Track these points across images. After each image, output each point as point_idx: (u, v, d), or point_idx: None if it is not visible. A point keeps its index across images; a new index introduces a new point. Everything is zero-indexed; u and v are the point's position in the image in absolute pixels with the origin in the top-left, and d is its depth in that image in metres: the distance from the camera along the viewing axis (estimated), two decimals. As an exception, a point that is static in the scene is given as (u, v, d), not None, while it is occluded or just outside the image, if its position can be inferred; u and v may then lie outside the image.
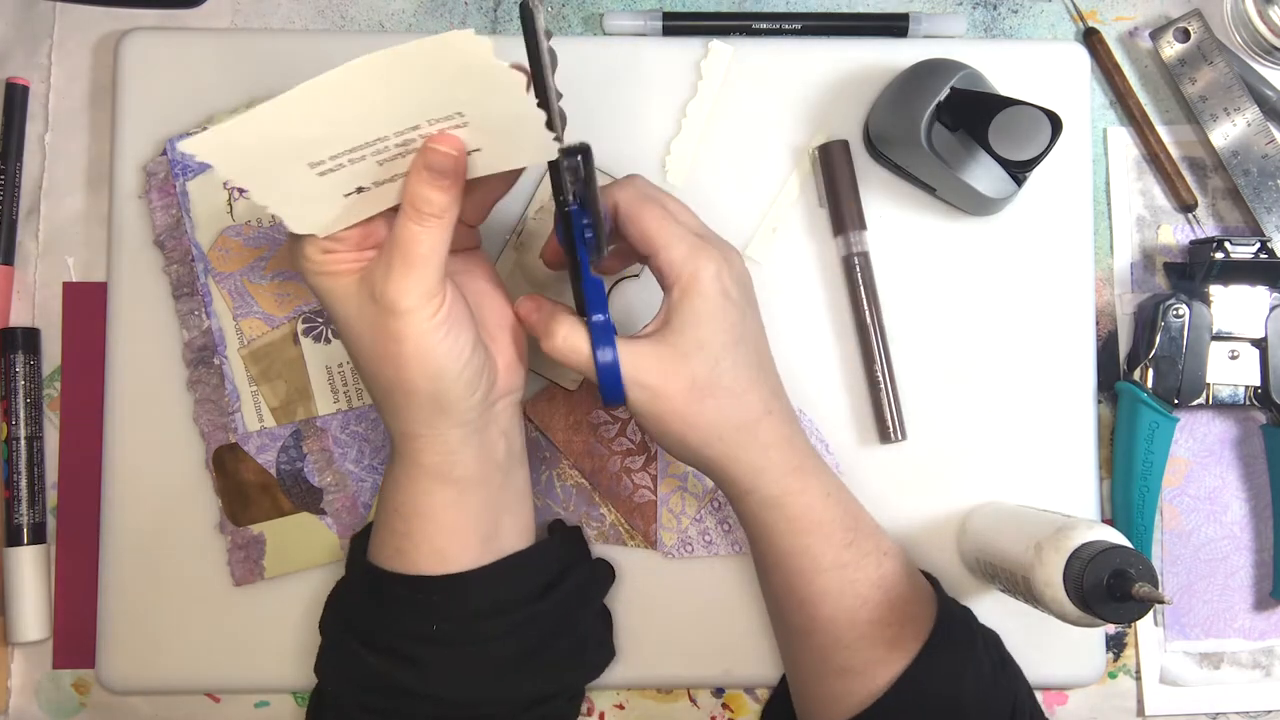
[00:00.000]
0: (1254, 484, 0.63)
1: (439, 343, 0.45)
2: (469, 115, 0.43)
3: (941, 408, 0.61)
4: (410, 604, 0.49)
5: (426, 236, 0.44)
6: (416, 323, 0.44)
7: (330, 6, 0.63)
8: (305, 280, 0.47)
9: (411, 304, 0.44)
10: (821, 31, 0.62)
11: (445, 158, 0.43)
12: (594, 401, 0.60)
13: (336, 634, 0.53)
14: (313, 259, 0.45)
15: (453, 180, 0.44)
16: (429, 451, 0.47)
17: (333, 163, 0.43)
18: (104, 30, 0.62)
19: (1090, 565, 0.46)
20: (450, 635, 0.49)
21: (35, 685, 0.60)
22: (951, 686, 0.50)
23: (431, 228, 0.44)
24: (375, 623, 0.50)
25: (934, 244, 0.61)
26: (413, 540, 0.49)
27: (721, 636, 0.60)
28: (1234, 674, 0.62)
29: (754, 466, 0.49)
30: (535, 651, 0.51)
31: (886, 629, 0.50)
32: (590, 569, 0.58)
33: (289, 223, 0.44)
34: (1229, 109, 0.61)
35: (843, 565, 0.50)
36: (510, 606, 0.50)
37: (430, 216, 0.43)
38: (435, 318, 0.44)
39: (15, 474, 0.60)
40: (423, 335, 0.44)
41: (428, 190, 0.43)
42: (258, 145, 0.41)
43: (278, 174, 0.42)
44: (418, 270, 0.43)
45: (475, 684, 0.50)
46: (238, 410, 0.59)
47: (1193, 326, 0.59)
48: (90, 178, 0.62)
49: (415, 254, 0.43)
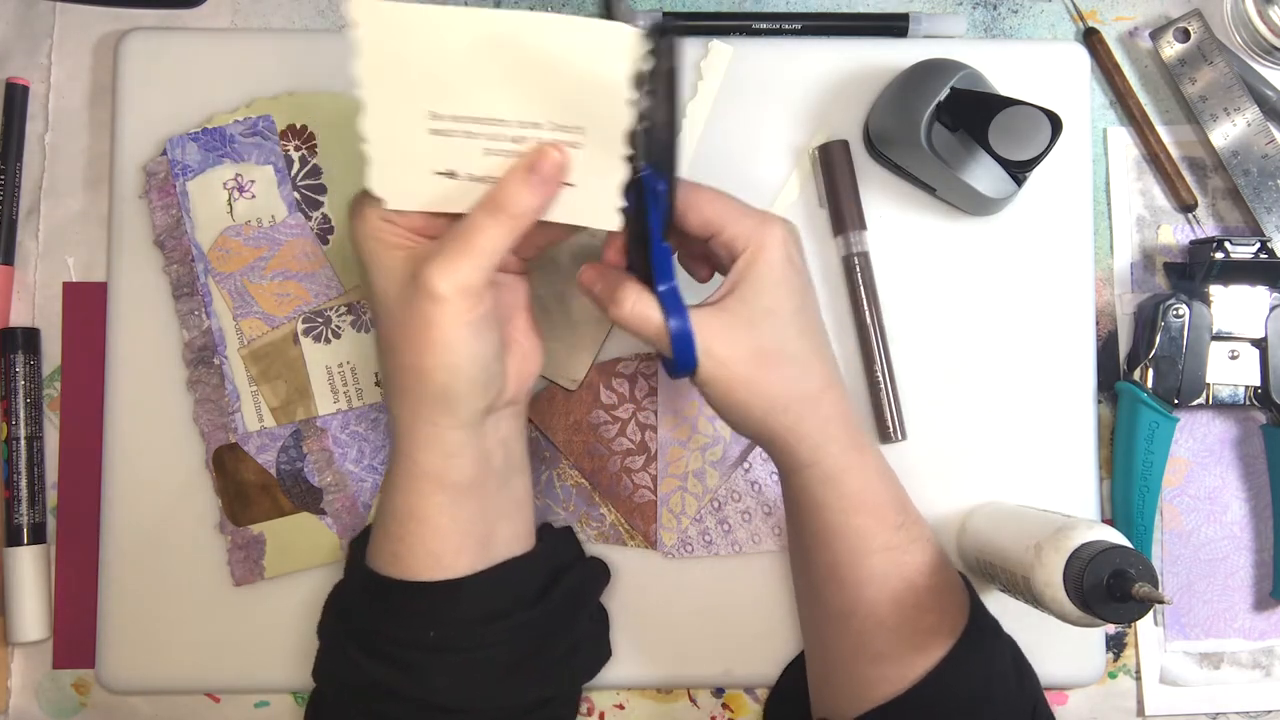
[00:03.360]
0: (1254, 484, 0.63)
1: (466, 339, 0.44)
2: (587, 135, 0.43)
3: (941, 408, 0.61)
4: (406, 610, 0.49)
5: (493, 232, 0.44)
6: (450, 313, 0.44)
7: (330, 6, 0.63)
8: (354, 239, 0.47)
9: (449, 292, 0.43)
10: (821, 31, 0.62)
11: (554, 164, 0.43)
12: (594, 402, 0.60)
13: (334, 638, 0.53)
14: (371, 222, 0.45)
15: (545, 190, 0.44)
16: (427, 449, 0.47)
17: (452, 123, 0.43)
18: (104, 30, 0.62)
19: (1090, 565, 0.46)
20: (446, 641, 0.49)
21: (35, 685, 0.60)
22: (982, 682, 0.49)
23: (502, 225, 0.44)
24: (372, 627, 0.50)
25: (934, 244, 0.61)
26: (408, 544, 0.48)
27: (721, 636, 0.60)
28: (1234, 674, 0.62)
29: (814, 440, 0.49)
30: (532, 656, 0.51)
31: (928, 615, 0.49)
32: (585, 570, 0.58)
33: (372, 173, 0.44)
34: (1229, 109, 0.61)
35: (892, 547, 0.49)
36: (505, 612, 0.50)
37: (507, 215, 0.43)
38: (469, 314, 0.44)
39: (15, 474, 0.60)
40: (453, 327, 0.44)
41: (518, 187, 0.43)
42: (411, 45, 0.41)
43: (400, 103, 0.42)
44: (469, 261, 0.43)
45: (472, 690, 0.49)
46: (238, 410, 0.59)
47: (1193, 326, 0.59)
48: (90, 178, 0.62)
49: (473, 245, 0.43)
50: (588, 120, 0.43)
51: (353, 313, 0.59)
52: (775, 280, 0.47)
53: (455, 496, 0.48)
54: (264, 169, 0.59)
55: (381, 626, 0.49)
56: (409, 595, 0.49)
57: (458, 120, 0.43)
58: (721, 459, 0.60)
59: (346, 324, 0.59)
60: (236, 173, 0.59)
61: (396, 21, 0.41)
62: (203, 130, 0.59)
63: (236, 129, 0.59)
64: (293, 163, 0.59)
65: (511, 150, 0.44)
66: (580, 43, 0.41)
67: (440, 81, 0.42)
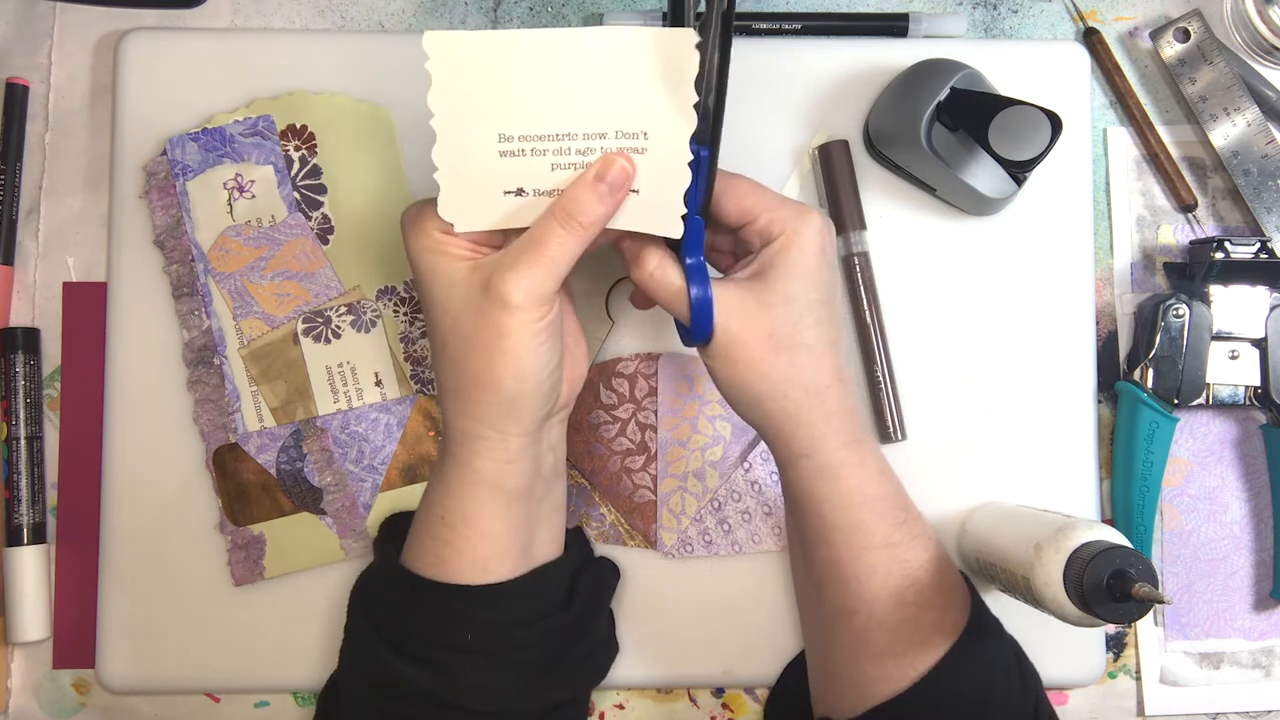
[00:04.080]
0: (1254, 484, 0.63)
1: (536, 347, 0.45)
2: (651, 141, 0.44)
3: (941, 408, 0.61)
4: (447, 613, 0.49)
5: (563, 241, 0.44)
6: (523, 322, 0.44)
7: (330, 6, 0.63)
8: (411, 254, 0.47)
9: (525, 301, 0.44)
10: (821, 31, 0.62)
11: (621, 172, 0.44)
12: (594, 402, 0.60)
13: (364, 637, 0.52)
14: (430, 235, 0.46)
15: (614, 198, 0.44)
16: (487, 456, 0.48)
17: (520, 143, 0.44)
18: (104, 30, 0.62)
19: (1090, 565, 0.46)
20: (483, 644, 0.49)
21: (35, 685, 0.60)
22: (985, 680, 0.49)
23: (574, 234, 0.44)
24: (408, 630, 0.50)
25: (934, 244, 0.61)
26: (455, 548, 0.49)
27: (721, 636, 0.60)
28: (1234, 674, 0.62)
29: (815, 431, 0.48)
30: (559, 658, 0.51)
31: (930, 612, 0.49)
32: (599, 571, 0.58)
33: (443, 200, 0.45)
34: (1229, 109, 0.61)
35: (894, 544, 0.49)
36: (539, 616, 0.50)
37: (578, 223, 0.44)
38: (541, 322, 0.45)
39: (15, 474, 0.60)
40: (525, 336, 0.45)
41: (589, 195, 0.44)
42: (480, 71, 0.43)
43: (471, 129, 0.44)
44: (544, 271, 0.44)
45: (502, 692, 0.50)
46: (238, 410, 0.59)
47: (1193, 326, 0.59)
48: (90, 178, 0.62)
49: (547, 254, 0.44)
50: (652, 126, 0.44)
51: (352, 313, 0.59)
52: (804, 269, 0.47)
53: (509, 502, 0.49)
54: (264, 169, 0.59)
55: (418, 629, 0.49)
56: (451, 598, 0.49)
57: (525, 139, 0.44)
58: (721, 459, 0.60)
59: (346, 324, 0.59)
60: (236, 173, 0.59)
61: (466, 50, 0.43)
62: (203, 130, 0.59)
63: (236, 129, 0.59)
64: (293, 163, 0.59)
65: (578, 163, 0.45)
66: (643, 51, 0.42)
67: (509, 104, 0.43)
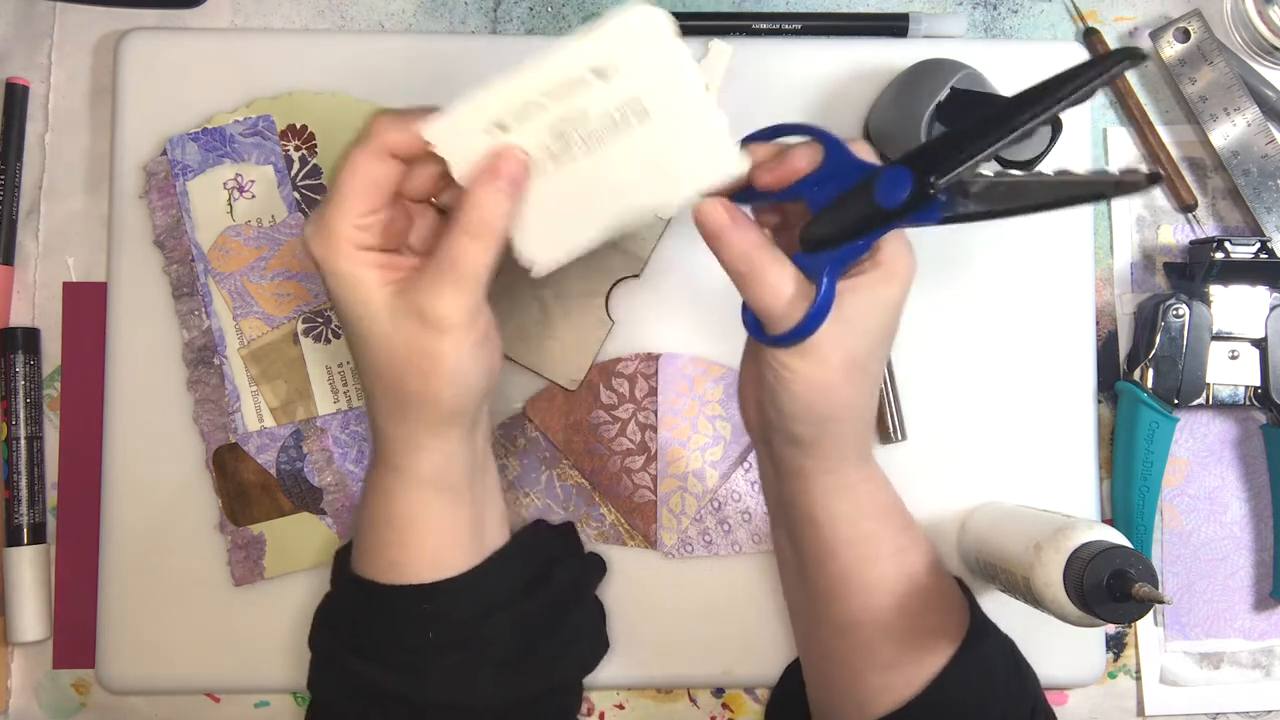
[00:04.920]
0: (1254, 484, 0.63)
1: (475, 360, 0.45)
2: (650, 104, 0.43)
3: (941, 408, 0.60)
4: (409, 614, 0.49)
5: (475, 251, 0.43)
6: (458, 341, 0.44)
7: (330, 6, 0.63)
8: (330, 288, 0.45)
9: (459, 321, 0.43)
10: (821, 31, 0.62)
11: (513, 161, 0.44)
12: (594, 402, 0.60)
13: (329, 650, 0.52)
14: (344, 253, 0.44)
15: (516, 190, 0.44)
16: (428, 461, 0.47)
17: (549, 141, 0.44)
18: (104, 30, 0.62)
19: (1090, 565, 0.46)
20: (448, 640, 0.49)
21: (35, 685, 0.60)
22: (986, 683, 0.49)
23: (483, 240, 0.43)
24: (371, 637, 0.49)
25: (934, 244, 0.61)
26: (408, 551, 0.48)
27: (721, 636, 0.60)
28: (1234, 674, 0.62)
29: (842, 451, 0.48)
30: (531, 649, 0.51)
31: (932, 616, 0.49)
32: (580, 563, 0.58)
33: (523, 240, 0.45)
34: (1229, 109, 0.61)
35: (900, 550, 0.49)
36: (503, 603, 0.50)
37: (487, 228, 0.43)
38: (474, 334, 0.44)
39: (15, 474, 0.60)
40: (462, 354, 0.44)
41: (491, 197, 0.43)
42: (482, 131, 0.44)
43: None
44: (468, 287, 0.43)
45: (475, 687, 0.49)
46: (238, 410, 0.59)
47: (1193, 326, 0.59)
48: (90, 178, 0.62)
49: (468, 270, 0.43)
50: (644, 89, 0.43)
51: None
52: (892, 304, 0.46)
53: (454, 497, 0.48)
54: (264, 169, 0.59)
55: (381, 634, 0.49)
56: (411, 599, 0.48)
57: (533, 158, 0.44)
58: (721, 459, 0.60)
59: (346, 324, 0.59)
60: (236, 173, 0.59)
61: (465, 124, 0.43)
62: (203, 130, 0.59)
63: (236, 129, 0.59)
64: (293, 163, 0.59)
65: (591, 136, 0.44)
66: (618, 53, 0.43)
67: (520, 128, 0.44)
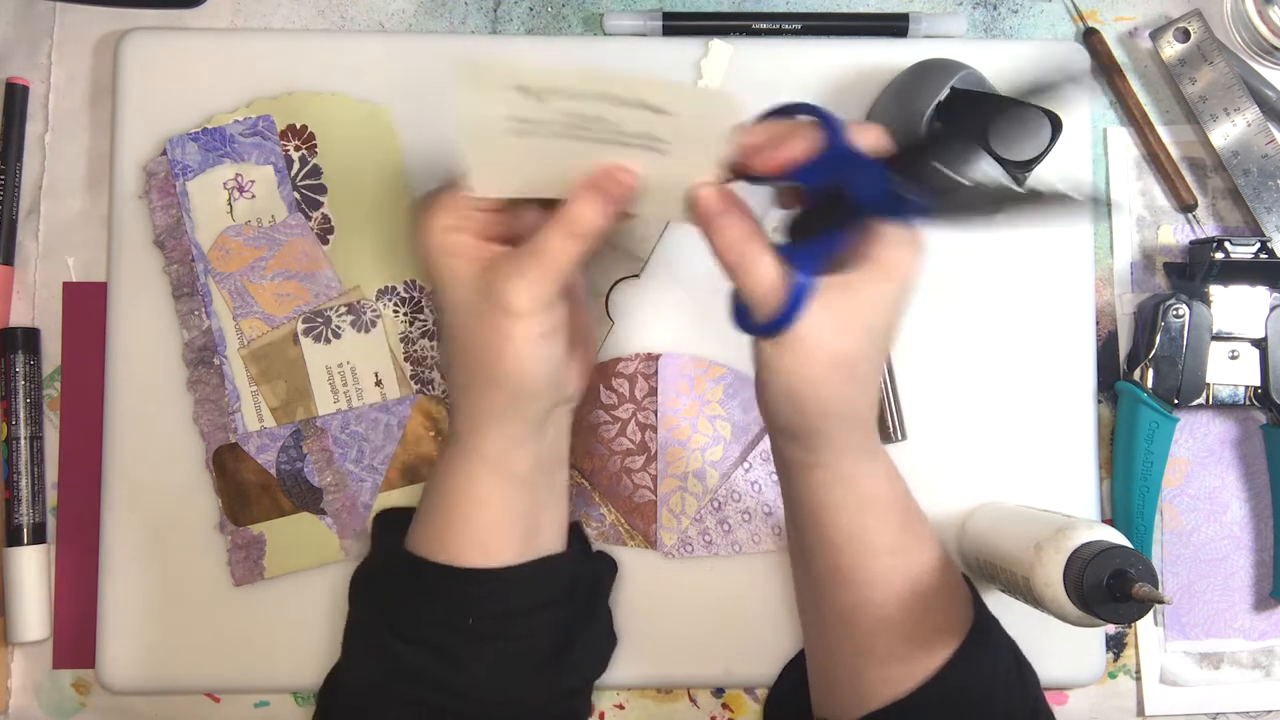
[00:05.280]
0: (1254, 484, 0.63)
1: (540, 350, 0.46)
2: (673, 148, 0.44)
3: (941, 408, 0.60)
4: (449, 595, 0.49)
5: (563, 249, 0.45)
6: (527, 327, 0.45)
7: (330, 6, 0.63)
8: (421, 254, 0.47)
9: (529, 309, 0.45)
10: (821, 31, 0.62)
11: (618, 186, 0.45)
12: (594, 402, 0.60)
13: (367, 619, 0.52)
14: (437, 234, 0.47)
15: (615, 209, 0.45)
16: (493, 441, 0.48)
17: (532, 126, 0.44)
18: (104, 30, 0.62)
19: (1090, 565, 0.46)
20: (485, 630, 0.49)
21: (35, 685, 0.60)
22: (987, 682, 0.49)
23: (573, 243, 0.45)
24: (410, 612, 0.50)
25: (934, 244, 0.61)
26: (455, 529, 0.49)
27: (721, 636, 0.60)
28: (1234, 674, 0.62)
29: (839, 446, 0.48)
30: (563, 648, 0.52)
31: (934, 615, 0.49)
32: (596, 563, 0.58)
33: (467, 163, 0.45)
34: (1229, 109, 0.61)
35: (900, 549, 0.49)
36: (543, 606, 0.51)
37: (576, 234, 0.45)
38: (543, 326, 0.46)
39: (15, 474, 0.60)
40: (528, 340, 0.45)
41: (589, 210, 0.45)
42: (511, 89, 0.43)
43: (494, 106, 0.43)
44: (548, 279, 0.45)
45: (504, 680, 0.50)
46: (238, 410, 0.59)
47: (1193, 326, 0.59)
48: (90, 178, 0.62)
49: (550, 265, 0.45)
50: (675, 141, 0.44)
51: (352, 313, 0.59)
52: (888, 303, 0.46)
53: (512, 486, 0.49)
54: (264, 169, 0.59)
55: (420, 611, 0.49)
56: (453, 580, 0.49)
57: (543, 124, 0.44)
58: (721, 459, 0.60)
59: (346, 324, 0.59)
60: (236, 173, 0.59)
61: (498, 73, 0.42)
62: (203, 130, 0.59)
63: (236, 129, 0.59)
64: (293, 163, 0.59)
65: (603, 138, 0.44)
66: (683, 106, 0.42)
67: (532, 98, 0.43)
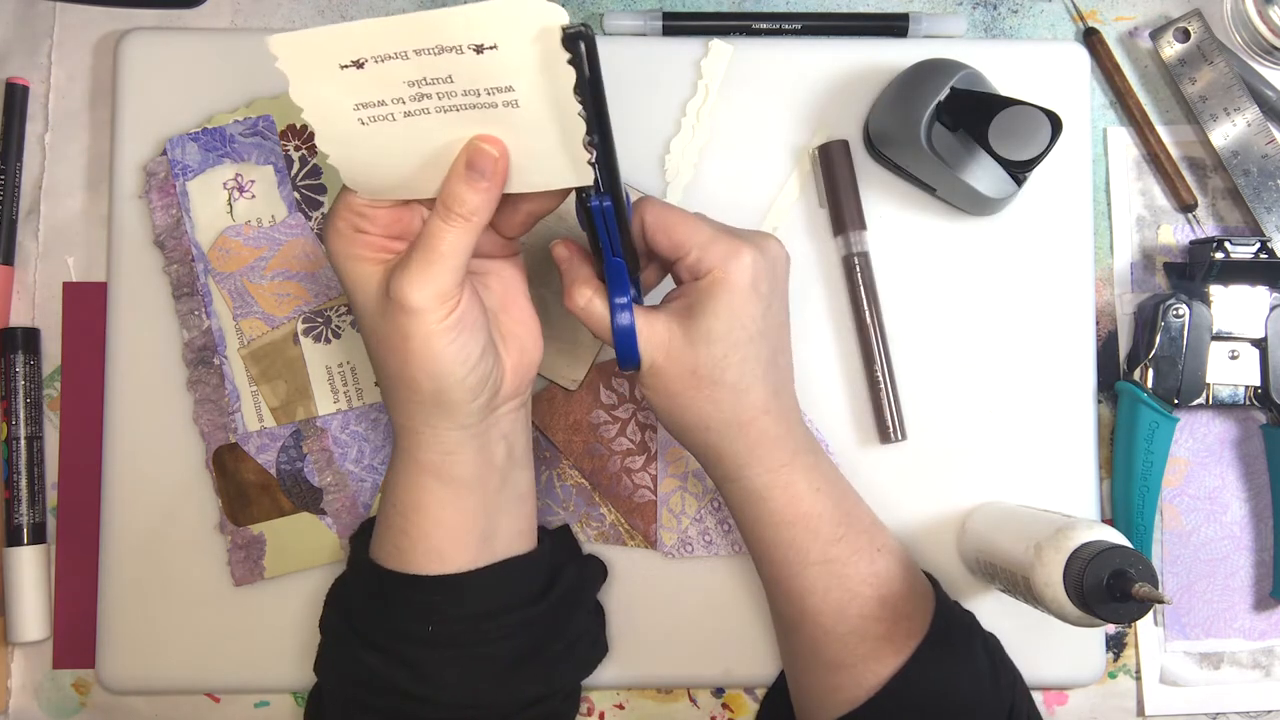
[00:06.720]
0: (1254, 484, 0.63)
1: (445, 345, 0.44)
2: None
3: (941, 408, 0.60)
4: (407, 604, 0.49)
5: (450, 235, 0.43)
6: (425, 322, 0.44)
7: (330, 6, 0.63)
8: (333, 263, 0.47)
9: (422, 303, 0.43)
10: (821, 31, 0.62)
11: (487, 158, 0.43)
12: (594, 402, 0.60)
13: (336, 631, 0.53)
14: (344, 236, 0.45)
15: (490, 183, 0.43)
16: (426, 448, 0.48)
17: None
18: (104, 30, 0.62)
19: (1090, 565, 0.46)
20: (446, 637, 0.49)
21: (35, 685, 0.60)
22: (947, 687, 0.50)
23: (457, 227, 0.43)
24: (374, 621, 0.50)
25: (934, 244, 0.61)
26: (410, 538, 0.49)
27: (721, 636, 0.60)
28: (1234, 674, 0.62)
29: (739, 460, 0.50)
30: (531, 653, 0.51)
31: (878, 624, 0.50)
32: (582, 568, 0.58)
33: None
34: (1229, 109, 0.61)
35: (830, 560, 0.50)
36: (506, 610, 0.50)
37: (458, 216, 0.43)
38: (445, 320, 0.44)
39: (15, 474, 0.60)
40: (430, 336, 0.44)
41: (462, 188, 0.43)
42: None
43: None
44: (435, 268, 0.43)
45: (470, 686, 0.50)
46: (238, 410, 0.59)
47: (1193, 326, 0.59)
48: (90, 178, 0.62)
49: (435, 252, 0.43)
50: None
51: (352, 313, 0.59)
52: (730, 308, 0.47)
53: (457, 491, 0.48)
54: (264, 169, 0.59)
55: (383, 620, 0.49)
56: (410, 588, 0.49)
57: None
58: (721, 459, 0.60)
59: (346, 324, 0.59)
60: (236, 173, 0.59)
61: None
62: (203, 130, 0.59)
63: (236, 129, 0.59)
64: (293, 163, 0.59)
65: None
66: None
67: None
